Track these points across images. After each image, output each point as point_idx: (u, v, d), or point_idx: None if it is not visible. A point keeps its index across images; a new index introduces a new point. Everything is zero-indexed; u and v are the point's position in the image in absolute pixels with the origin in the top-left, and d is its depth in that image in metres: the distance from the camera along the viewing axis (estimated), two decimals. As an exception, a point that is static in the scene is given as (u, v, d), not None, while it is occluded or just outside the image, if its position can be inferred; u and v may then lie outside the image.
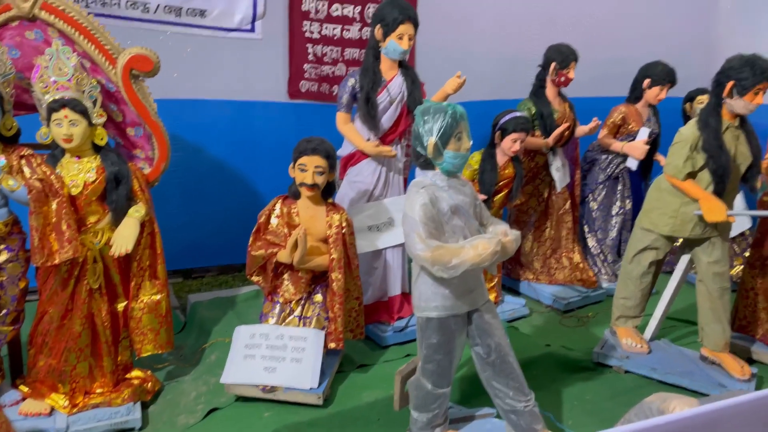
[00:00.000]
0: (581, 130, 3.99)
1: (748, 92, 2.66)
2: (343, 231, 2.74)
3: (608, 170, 4.27)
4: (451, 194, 2.24)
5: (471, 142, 2.24)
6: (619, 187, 4.32)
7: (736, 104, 2.73)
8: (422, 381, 2.36)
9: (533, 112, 3.91)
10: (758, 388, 2.98)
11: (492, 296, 3.76)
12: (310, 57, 4.24)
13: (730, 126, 2.81)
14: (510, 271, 4.29)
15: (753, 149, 2.83)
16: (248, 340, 2.64)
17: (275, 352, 2.60)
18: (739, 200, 4.19)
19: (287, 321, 2.70)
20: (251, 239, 2.71)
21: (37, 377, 2.53)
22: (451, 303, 2.27)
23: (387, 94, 3.15)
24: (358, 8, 4.30)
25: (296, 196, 2.76)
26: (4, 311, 2.44)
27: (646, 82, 4.07)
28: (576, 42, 4.01)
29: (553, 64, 3.86)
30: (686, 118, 4.59)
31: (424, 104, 2.25)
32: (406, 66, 3.24)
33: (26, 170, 2.35)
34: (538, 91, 3.97)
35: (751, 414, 1.02)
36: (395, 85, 3.17)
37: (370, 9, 4.33)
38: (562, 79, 3.87)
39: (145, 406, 2.69)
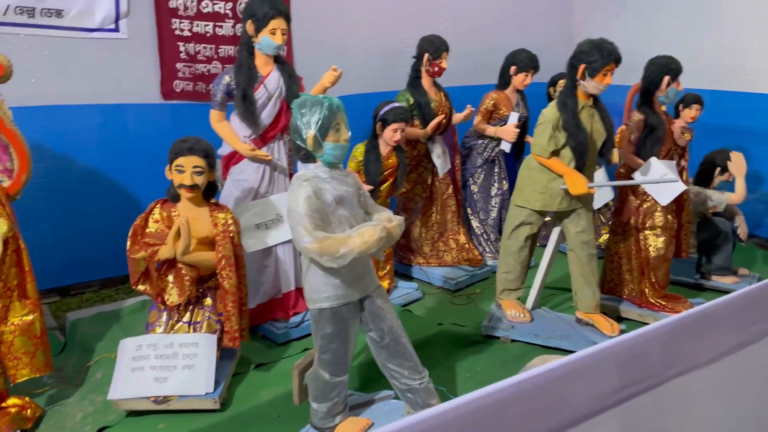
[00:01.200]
0: (457, 117, 4.17)
1: (598, 73, 2.92)
2: (230, 229, 2.70)
3: (485, 154, 4.51)
4: (334, 185, 2.27)
5: (350, 133, 2.29)
6: (496, 170, 4.58)
7: (588, 85, 2.98)
8: (319, 372, 2.38)
9: (411, 102, 4.04)
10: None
11: (385, 283, 3.87)
12: (183, 55, 4.10)
13: (585, 106, 3.07)
14: (402, 258, 4.42)
15: (607, 126, 3.12)
16: (135, 352, 2.53)
17: (165, 361, 2.51)
18: (601, 174, 4.59)
19: (176, 328, 2.62)
20: (128, 243, 2.60)
21: None
22: (342, 292, 2.31)
23: (264, 90, 3.12)
24: (230, 4, 4.21)
25: (176, 198, 2.68)
26: None
27: (513, 68, 4.33)
28: (447, 33, 4.18)
29: (426, 55, 4.00)
30: (551, 101, 4.93)
31: (301, 97, 2.27)
32: (282, 61, 3.23)
33: None
34: (414, 81, 4.10)
35: (608, 360, 1.14)
36: (272, 80, 3.15)
37: (242, 5, 4.26)
38: (436, 69, 4.02)
39: (26, 435, 2.52)
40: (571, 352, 3.17)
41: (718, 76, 5.19)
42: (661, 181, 3.16)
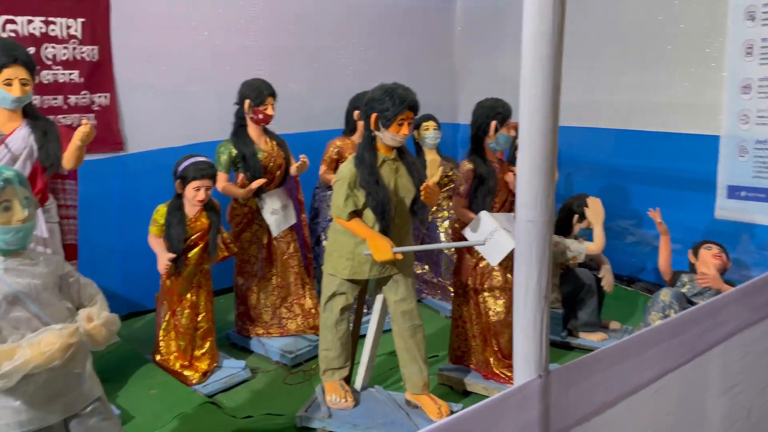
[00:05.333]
0: (291, 169, 3.74)
1: (392, 123, 2.53)
2: None
3: (334, 206, 4.07)
4: (7, 280, 1.77)
5: (27, 212, 1.79)
6: (350, 223, 4.14)
7: (384, 136, 2.59)
8: None
9: (234, 154, 3.59)
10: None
11: (204, 364, 3.34)
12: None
13: (387, 159, 2.67)
14: (240, 328, 3.90)
15: (416, 181, 2.72)
16: None
17: None
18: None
19: None
20: None
21: None
22: (27, 417, 1.79)
23: (6, 150, 2.60)
24: None
25: None
26: None
27: (356, 113, 3.95)
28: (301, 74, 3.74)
29: (247, 101, 3.56)
30: (417, 145, 4.58)
31: (-39, 170, 1.78)
32: (35, 115, 2.73)
33: None
34: (238, 130, 3.65)
35: None
36: (17, 138, 2.64)
37: (48, 50, 3.76)
38: (260, 116, 3.59)
39: None
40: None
41: (592, 113, 4.97)
42: (474, 243, 2.77)
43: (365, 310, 3.33)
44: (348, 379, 3.10)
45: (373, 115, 2.54)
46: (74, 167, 2.79)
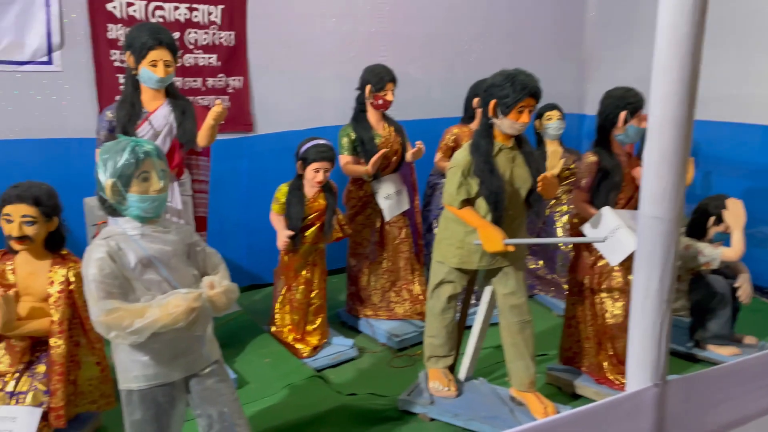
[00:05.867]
0: (407, 155, 3.75)
1: (512, 110, 2.45)
2: (71, 287, 2.38)
3: (449, 194, 4.04)
4: (142, 244, 1.93)
5: (162, 183, 1.94)
6: (464, 212, 4.09)
7: (502, 124, 2.51)
8: (129, 464, 2.02)
9: (353, 138, 3.66)
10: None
11: (315, 339, 3.47)
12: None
13: (503, 148, 2.59)
14: (350, 308, 4.00)
15: (533, 171, 2.61)
16: (-53, 423, 2.25)
17: (-24, 436, 2.22)
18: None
19: (-4, 398, 2.33)
20: None
21: None
22: (154, 371, 1.95)
23: (149, 127, 2.84)
24: (175, 34, 4.00)
25: (12, 250, 2.40)
26: None
27: (476, 101, 3.87)
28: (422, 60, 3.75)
29: (368, 87, 3.61)
30: (537, 136, 4.43)
31: (110, 142, 1.96)
32: (175, 95, 2.94)
33: None
34: (358, 115, 3.72)
35: None
36: (159, 116, 2.86)
37: (190, 34, 4.05)
38: (380, 101, 3.62)
39: None
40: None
41: (740, 107, 4.52)
42: (593, 240, 2.61)
43: (473, 301, 3.29)
44: (452, 369, 3.08)
45: (492, 102, 2.48)
46: (207, 144, 2.98)
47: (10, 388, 2.33)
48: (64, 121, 3.84)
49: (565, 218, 4.25)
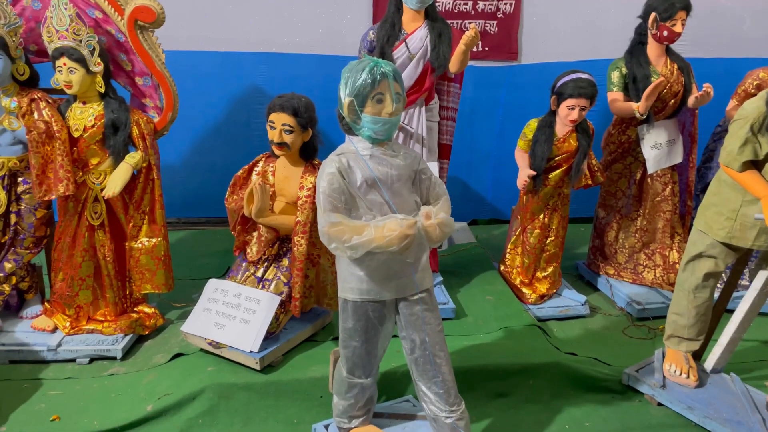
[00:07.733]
0: (689, 99, 3.17)
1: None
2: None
3: (736, 151, 3.35)
4: (370, 164, 1.95)
5: (395, 107, 1.91)
6: (753, 175, 3.37)
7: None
8: (340, 365, 2.16)
9: (624, 73, 3.21)
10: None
11: (543, 287, 3.29)
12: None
13: (820, 99, 1.97)
14: (590, 263, 3.68)
15: None
16: (211, 293, 2.66)
17: (229, 309, 2.58)
18: None
19: (247, 281, 2.66)
20: (228, 192, 2.70)
21: (53, 297, 2.89)
22: (367, 287, 2.02)
23: (405, 49, 2.83)
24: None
25: (275, 154, 2.66)
26: (21, 236, 2.81)
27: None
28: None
29: (653, 15, 3.09)
30: None
31: (354, 61, 1.98)
32: (434, 17, 2.87)
33: (35, 113, 2.62)
34: (635, 48, 3.23)
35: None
36: (416, 38, 2.83)
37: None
38: (665, 33, 3.08)
39: (145, 339, 2.92)
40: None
41: None
42: None
43: (743, 281, 2.73)
44: (698, 356, 2.64)
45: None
46: (458, 71, 2.89)
47: (259, 273, 2.67)
48: (343, 39, 4.09)
49: None
